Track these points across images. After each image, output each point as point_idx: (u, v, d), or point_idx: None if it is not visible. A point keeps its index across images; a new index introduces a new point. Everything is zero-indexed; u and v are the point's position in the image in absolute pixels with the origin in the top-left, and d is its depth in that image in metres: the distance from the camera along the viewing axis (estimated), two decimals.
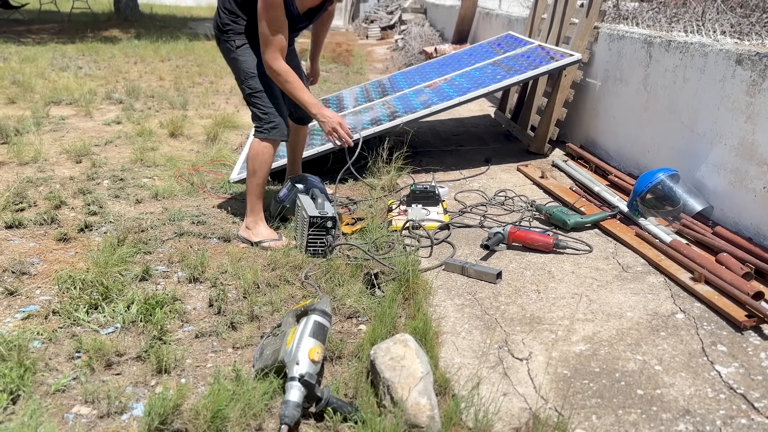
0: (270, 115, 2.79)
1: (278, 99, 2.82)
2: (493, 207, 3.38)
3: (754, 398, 1.76)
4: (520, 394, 1.82)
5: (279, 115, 2.80)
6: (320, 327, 1.86)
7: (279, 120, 2.80)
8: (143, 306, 2.16)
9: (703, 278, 2.34)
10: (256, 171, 2.82)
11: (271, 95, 2.79)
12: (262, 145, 2.81)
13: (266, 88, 2.78)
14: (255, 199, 2.83)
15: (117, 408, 1.72)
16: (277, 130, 2.80)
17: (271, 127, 2.79)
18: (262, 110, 2.79)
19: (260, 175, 2.82)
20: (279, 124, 2.80)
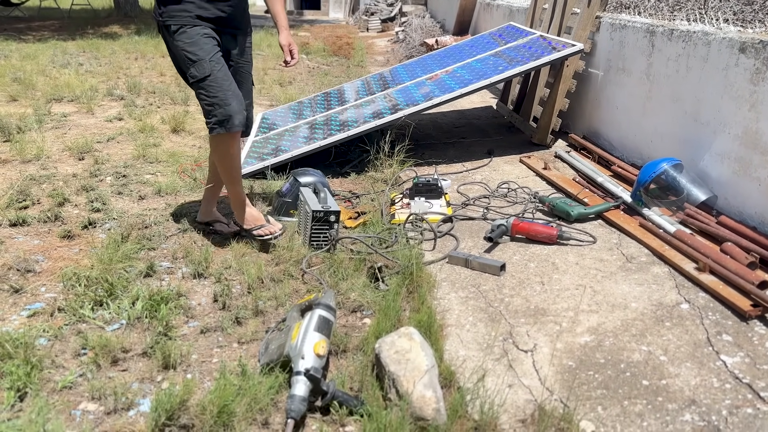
0: (216, 106, 2.43)
1: (227, 84, 2.45)
2: (496, 199, 3.37)
3: (759, 387, 1.76)
4: (525, 386, 1.82)
5: (228, 103, 2.43)
6: (325, 321, 1.86)
7: (229, 109, 2.43)
8: (148, 302, 2.17)
9: (707, 268, 2.34)
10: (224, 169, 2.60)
11: (218, 80, 2.43)
12: (217, 141, 2.52)
13: (212, 73, 2.42)
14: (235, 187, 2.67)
15: (124, 404, 1.73)
16: (228, 121, 2.44)
17: (219, 121, 2.44)
18: (207, 101, 2.44)
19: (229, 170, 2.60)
20: (230, 113, 2.43)
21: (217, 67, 2.43)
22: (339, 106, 4.47)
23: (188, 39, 2.43)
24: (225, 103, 2.42)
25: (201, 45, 2.43)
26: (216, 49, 2.46)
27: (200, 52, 2.42)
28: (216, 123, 2.44)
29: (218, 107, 2.42)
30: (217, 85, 2.42)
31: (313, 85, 6.45)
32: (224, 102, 2.42)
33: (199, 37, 2.44)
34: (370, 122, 3.76)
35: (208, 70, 2.42)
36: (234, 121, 2.45)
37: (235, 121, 2.45)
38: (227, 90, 2.44)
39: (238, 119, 2.46)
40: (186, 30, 2.44)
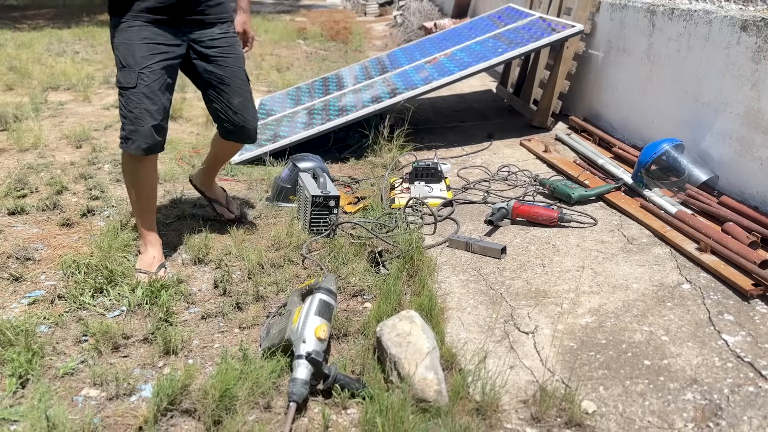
0: (128, 121, 2.19)
1: (149, 102, 2.17)
2: (496, 182, 3.35)
3: (761, 366, 1.76)
4: (526, 367, 1.82)
5: (141, 123, 2.17)
6: (326, 305, 1.86)
7: (139, 131, 2.18)
8: (148, 289, 2.16)
9: (709, 248, 2.33)
10: (129, 190, 2.36)
11: (139, 96, 2.16)
12: (123, 157, 2.31)
13: (137, 86, 2.16)
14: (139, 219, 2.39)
15: (125, 390, 1.73)
16: (131, 141, 2.19)
17: (125, 136, 2.21)
18: (122, 111, 2.21)
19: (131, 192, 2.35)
20: (135, 133, 2.18)
21: (145, 81, 2.16)
22: (337, 91, 4.44)
23: (123, 40, 2.19)
24: (137, 122, 2.18)
25: (134, 50, 2.17)
26: (154, 58, 2.18)
27: (130, 59, 2.17)
28: (122, 138, 2.23)
29: (128, 123, 2.19)
30: (137, 100, 2.16)
31: (311, 71, 6.41)
32: (137, 121, 2.18)
33: (136, 40, 2.17)
34: (369, 107, 3.74)
35: (133, 81, 2.16)
36: (138, 144, 2.19)
37: (139, 144, 2.19)
38: (146, 109, 2.17)
39: (144, 143, 2.20)
40: (123, 28, 2.19)
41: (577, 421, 1.58)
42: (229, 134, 2.52)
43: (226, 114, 2.44)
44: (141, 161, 2.28)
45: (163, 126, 2.28)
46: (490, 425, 1.59)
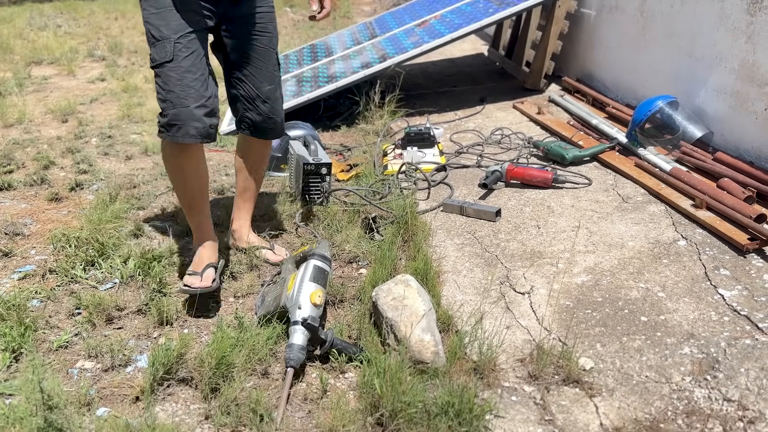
0: (168, 104, 1.83)
1: (191, 78, 1.84)
2: (489, 146, 3.32)
3: (757, 319, 1.76)
4: (523, 327, 1.82)
5: (185, 104, 1.82)
6: (320, 271, 1.84)
7: (183, 112, 1.82)
8: (140, 260, 2.14)
9: (704, 204, 2.32)
10: (175, 186, 2.01)
11: (180, 71, 1.82)
12: (163, 148, 1.95)
13: (174, 59, 1.82)
14: (189, 219, 2.06)
15: (121, 361, 1.72)
16: (176, 127, 1.83)
17: (167, 124, 1.85)
18: (160, 95, 1.85)
19: (178, 188, 1.99)
20: (179, 117, 1.82)
21: (183, 53, 1.83)
22: (326, 58, 4.37)
23: (154, 7, 1.85)
24: (180, 103, 1.82)
25: (168, 19, 1.84)
26: (188, 27, 1.85)
27: (165, 29, 1.83)
28: (163, 126, 1.86)
29: (170, 107, 1.83)
30: (176, 77, 1.82)
31: (299, 38, 6.30)
32: (179, 102, 1.82)
33: (167, 6, 1.84)
34: (359, 73, 3.67)
35: (170, 53, 1.82)
36: (185, 130, 1.83)
37: (187, 130, 1.84)
38: (189, 86, 1.83)
39: (193, 128, 1.84)
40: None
41: (574, 378, 1.57)
42: (255, 129, 2.13)
43: (253, 103, 2.08)
44: (186, 152, 1.91)
45: (214, 105, 1.90)
46: (488, 384, 1.59)
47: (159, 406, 1.57)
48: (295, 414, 1.55)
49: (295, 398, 1.60)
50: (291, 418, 1.54)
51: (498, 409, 1.49)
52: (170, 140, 1.87)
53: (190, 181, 1.98)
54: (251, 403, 1.51)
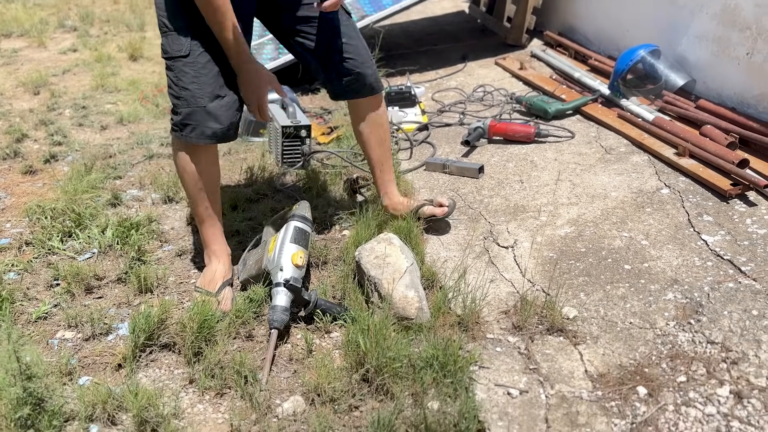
0: (182, 101, 1.67)
1: (208, 75, 1.66)
2: (472, 104, 3.28)
3: (740, 262, 1.76)
4: (507, 280, 1.81)
5: (200, 103, 1.66)
6: (301, 232, 1.81)
7: (193, 111, 1.67)
8: (118, 229, 2.10)
9: (687, 152, 2.30)
10: (185, 189, 1.83)
11: (196, 67, 1.65)
12: (175, 145, 1.78)
13: (190, 54, 1.65)
14: (200, 226, 1.87)
15: (102, 329, 1.69)
16: (190, 127, 1.69)
17: (180, 121, 1.70)
18: (173, 91, 1.69)
19: (192, 194, 1.81)
20: (193, 115, 1.67)
21: (200, 49, 1.65)
22: None
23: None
24: (195, 102, 1.66)
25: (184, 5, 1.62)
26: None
27: (180, 19, 1.64)
28: (176, 124, 1.71)
29: (183, 104, 1.67)
30: (193, 73, 1.64)
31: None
32: (194, 100, 1.66)
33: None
34: None
35: (186, 48, 1.64)
36: (200, 130, 1.69)
37: (203, 131, 1.68)
38: (206, 84, 1.65)
39: (209, 128, 1.68)
40: None
41: (558, 327, 1.57)
42: (346, 90, 1.92)
43: (331, 62, 1.86)
44: (200, 153, 1.75)
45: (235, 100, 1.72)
46: (473, 337, 1.58)
47: (142, 373, 1.55)
48: (281, 374, 1.55)
49: (280, 359, 1.59)
50: (276, 378, 1.53)
51: (483, 360, 1.49)
52: (184, 141, 1.72)
53: (205, 180, 1.79)
54: (235, 365, 1.50)
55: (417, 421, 1.32)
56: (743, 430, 1.27)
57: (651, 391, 1.38)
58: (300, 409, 1.42)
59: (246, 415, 1.41)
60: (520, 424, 1.31)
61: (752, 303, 1.59)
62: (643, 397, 1.37)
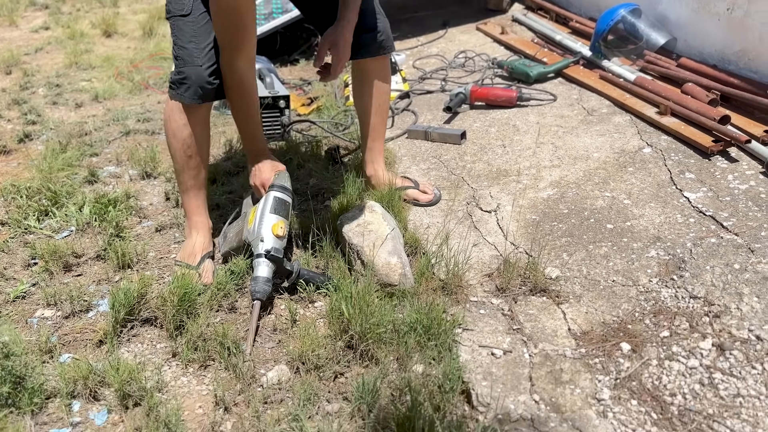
0: (180, 61, 1.69)
1: (204, 32, 1.67)
2: (453, 70, 3.24)
3: (722, 218, 1.76)
4: (490, 243, 1.80)
5: (196, 63, 1.66)
6: (280, 202, 1.78)
7: (190, 72, 1.66)
8: (96, 206, 2.06)
9: (669, 110, 2.29)
10: (173, 155, 1.80)
11: (196, 27, 1.67)
12: (168, 106, 1.76)
13: (191, 13, 1.68)
14: (184, 195, 1.85)
15: (82, 306, 1.67)
16: (183, 86, 1.68)
17: (175, 79, 1.70)
18: (174, 50, 1.72)
19: (179, 160, 1.78)
20: (190, 77, 1.67)
21: (201, 9, 1.67)
22: None
23: None
24: (192, 61, 1.66)
25: None
26: None
27: None
28: (173, 82, 1.71)
29: (182, 63, 1.68)
30: (191, 32, 1.66)
31: None
32: (191, 59, 1.66)
33: None
34: None
35: (188, 7, 1.67)
36: (195, 90, 1.68)
37: (197, 90, 1.68)
38: (204, 44, 1.65)
39: (203, 88, 1.68)
40: None
41: (541, 287, 1.57)
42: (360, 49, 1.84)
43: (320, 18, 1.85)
44: (190, 114, 1.73)
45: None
46: (456, 300, 1.58)
47: (124, 348, 1.53)
48: (265, 344, 1.53)
49: (264, 329, 1.58)
50: (261, 348, 1.52)
51: (466, 323, 1.48)
52: (178, 99, 1.71)
53: (193, 145, 1.75)
54: (218, 337, 1.49)
55: (402, 385, 1.31)
56: (726, 381, 1.27)
57: (634, 347, 1.38)
58: (285, 378, 1.42)
59: (230, 385, 1.40)
60: (504, 383, 1.31)
61: (734, 257, 1.59)
62: (627, 352, 1.38)
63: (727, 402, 1.23)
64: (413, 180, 2.12)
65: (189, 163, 1.78)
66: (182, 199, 1.85)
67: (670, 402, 1.25)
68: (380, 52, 1.91)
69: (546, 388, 1.29)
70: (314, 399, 1.34)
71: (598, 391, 1.28)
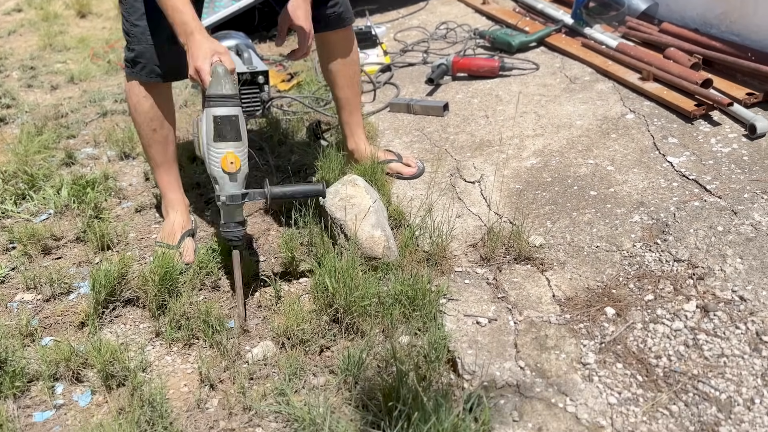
0: (132, 38, 1.63)
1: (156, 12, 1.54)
2: (435, 42, 3.20)
3: (706, 181, 1.76)
4: (474, 214, 1.79)
5: (148, 38, 1.61)
6: (223, 121, 1.44)
7: (144, 49, 1.62)
8: (74, 188, 2.02)
9: (651, 76, 2.28)
10: (138, 131, 1.76)
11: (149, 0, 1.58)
12: (128, 86, 1.71)
13: None
14: (155, 172, 1.82)
15: (62, 289, 1.65)
16: (139, 64, 1.64)
17: (131, 57, 1.65)
18: (125, 27, 1.65)
19: (145, 136, 1.74)
20: (145, 55, 1.62)
21: None
22: None
23: None
24: (146, 39, 1.61)
25: None
26: None
27: None
28: (128, 61, 1.67)
29: (134, 40, 1.63)
30: (143, 9, 1.59)
31: None
32: (144, 38, 1.61)
33: None
34: None
35: None
36: (152, 68, 1.63)
37: (154, 69, 1.63)
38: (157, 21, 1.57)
39: (160, 66, 1.63)
40: None
41: (525, 255, 1.56)
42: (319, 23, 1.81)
43: None
44: (153, 90, 1.69)
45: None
46: (441, 271, 1.57)
47: (107, 329, 1.52)
48: (250, 321, 1.52)
49: (249, 307, 1.56)
50: (246, 325, 1.50)
51: (451, 293, 1.48)
52: (136, 78, 1.66)
53: (158, 123, 1.72)
54: (202, 315, 1.47)
55: (387, 356, 1.31)
56: (710, 342, 1.28)
57: (619, 311, 1.39)
58: (270, 354, 1.41)
59: (215, 363, 1.39)
60: (489, 350, 1.31)
61: (717, 219, 1.59)
62: (611, 317, 1.38)
63: (711, 362, 1.23)
64: (396, 153, 2.10)
65: (154, 137, 1.74)
66: (154, 176, 1.83)
67: (656, 364, 1.25)
68: (341, 25, 1.88)
69: (531, 354, 1.29)
70: (300, 373, 1.33)
71: (584, 356, 1.28)
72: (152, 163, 1.79)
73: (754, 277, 1.40)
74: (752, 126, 1.91)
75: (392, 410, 1.11)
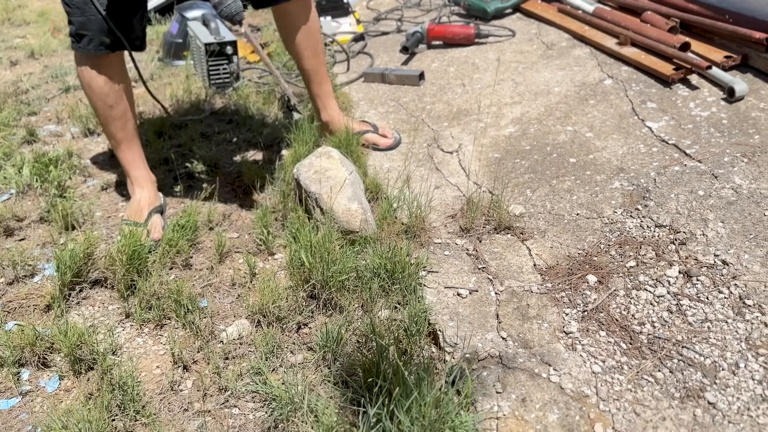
0: (74, 10, 1.54)
1: None
2: (409, 9, 3.13)
3: (685, 146, 1.73)
4: (452, 185, 1.75)
5: (90, 10, 1.52)
6: None
7: (88, 20, 1.53)
8: (36, 166, 1.94)
9: (629, 41, 2.24)
10: (94, 108, 1.70)
11: None
12: (78, 62, 1.65)
13: None
14: (116, 150, 1.75)
15: (26, 271, 1.58)
16: (88, 38, 1.56)
17: (75, 31, 1.57)
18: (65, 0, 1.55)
19: (101, 113, 1.68)
20: (90, 26, 1.54)
21: None
22: None
23: None
24: (89, 10, 1.53)
25: None
26: None
27: None
28: (72, 35, 1.59)
29: (77, 13, 1.54)
30: None
31: None
32: (87, 7, 1.52)
33: None
34: None
35: None
36: (100, 40, 1.56)
37: (102, 40, 1.56)
38: None
39: (108, 37, 1.56)
40: None
41: (505, 225, 1.53)
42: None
43: None
44: (103, 64, 1.62)
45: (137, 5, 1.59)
46: (420, 243, 1.53)
47: (74, 312, 1.45)
48: (224, 300, 1.47)
49: (222, 285, 1.51)
50: (220, 304, 1.45)
51: (431, 265, 1.44)
52: (83, 52, 1.59)
53: (113, 96, 1.66)
54: (173, 295, 1.42)
55: (367, 331, 1.27)
56: (693, 307, 1.26)
57: (601, 279, 1.36)
58: (246, 332, 1.36)
59: (188, 343, 1.34)
60: (471, 322, 1.28)
61: (698, 184, 1.57)
62: (593, 285, 1.35)
63: (695, 327, 1.22)
64: (372, 124, 2.04)
65: (111, 113, 1.67)
66: (117, 154, 1.75)
67: (639, 331, 1.23)
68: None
69: (513, 324, 1.27)
70: (277, 351, 1.29)
71: (566, 325, 1.26)
72: (113, 141, 1.72)
73: (736, 241, 1.38)
74: (731, 89, 1.89)
75: (373, 386, 1.07)
